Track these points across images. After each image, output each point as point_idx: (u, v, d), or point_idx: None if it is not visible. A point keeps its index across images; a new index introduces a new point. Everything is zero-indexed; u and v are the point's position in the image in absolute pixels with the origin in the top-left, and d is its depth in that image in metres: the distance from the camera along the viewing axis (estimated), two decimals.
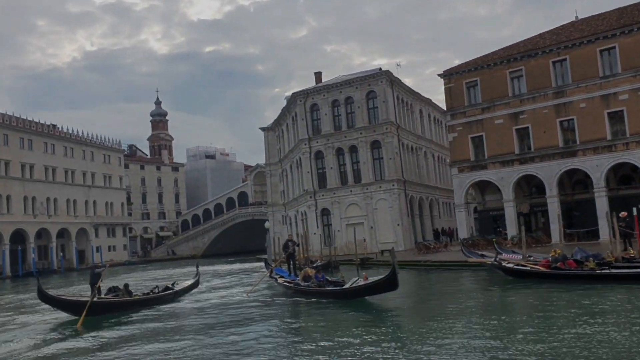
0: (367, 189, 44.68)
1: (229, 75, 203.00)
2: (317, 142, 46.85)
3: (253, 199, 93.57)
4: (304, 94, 47.54)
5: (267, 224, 35.96)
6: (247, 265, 47.81)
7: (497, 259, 19.68)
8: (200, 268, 48.50)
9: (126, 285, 19.97)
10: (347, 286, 16.14)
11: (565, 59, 34.19)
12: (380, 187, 44.23)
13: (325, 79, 53.26)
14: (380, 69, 46.65)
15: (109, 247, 79.68)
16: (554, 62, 34.66)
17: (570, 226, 35.37)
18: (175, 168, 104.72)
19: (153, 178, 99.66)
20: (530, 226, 37.67)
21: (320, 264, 32.43)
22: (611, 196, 33.32)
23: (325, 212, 46.63)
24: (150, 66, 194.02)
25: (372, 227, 43.99)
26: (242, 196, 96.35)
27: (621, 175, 34.78)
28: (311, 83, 53.87)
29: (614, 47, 32.55)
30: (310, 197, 46.91)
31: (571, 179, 36.74)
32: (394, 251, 15.50)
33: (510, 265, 19.02)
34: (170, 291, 21.36)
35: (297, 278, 18.97)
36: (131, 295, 19.52)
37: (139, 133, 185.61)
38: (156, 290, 20.94)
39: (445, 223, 54.90)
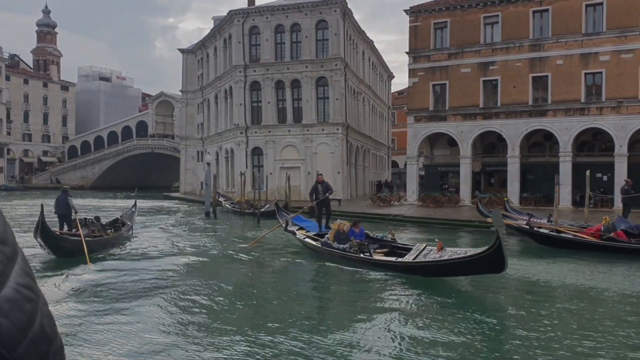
0: (307, 130, 40.34)
1: None
2: (255, 71, 41.40)
3: (154, 131, 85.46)
4: (244, 13, 41.52)
5: (207, 158, 30.37)
6: (162, 204, 42.12)
7: (530, 223, 16.58)
8: (99, 202, 42.49)
9: (98, 219, 17.02)
10: (412, 257, 11.09)
11: (547, 10, 31.57)
12: (322, 129, 40.09)
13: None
14: None
15: None
16: (534, 12, 31.96)
17: (523, 190, 33.82)
18: (65, 87, 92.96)
19: (38, 95, 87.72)
20: (480, 186, 35.74)
21: (269, 208, 28.08)
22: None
23: (257, 152, 41.79)
24: None
25: (309, 172, 39.96)
26: (141, 126, 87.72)
27: (582, 141, 33.42)
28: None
29: (601, 3, 30.34)
30: (241, 132, 41.73)
31: (528, 140, 34.94)
32: (500, 213, 10.52)
33: (545, 231, 15.98)
34: (127, 226, 18.57)
35: (325, 232, 14.21)
36: (105, 230, 16.58)
37: (16, 48, 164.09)
38: (118, 225, 18.00)
39: (374, 176, 52.38)
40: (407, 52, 35.35)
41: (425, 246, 11.53)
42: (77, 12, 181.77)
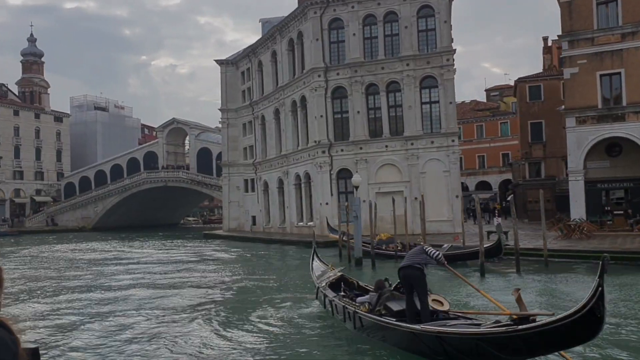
0: (411, 144, 31.82)
1: (91, 36, 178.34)
2: (338, 74, 32.93)
3: (165, 162, 75.94)
4: (322, 3, 33.18)
5: (355, 179, 21.68)
6: (224, 250, 32.85)
7: None
8: (128, 251, 32.68)
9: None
10: None
11: None
12: (431, 142, 31.61)
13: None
14: None
15: None
16: None
17: None
18: (59, 118, 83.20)
19: (30, 128, 77.94)
20: None
21: (449, 250, 19.16)
22: None
23: (343, 174, 33.00)
24: None
25: (415, 198, 31.22)
26: (150, 157, 78.02)
27: None
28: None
29: None
30: (323, 151, 32.95)
31: None
32: None
33: None
34: None
35: None
36: None
37: None
38: None
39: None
40: (559, 36, 27.29)
41: None
42: (49, 51, 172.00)
